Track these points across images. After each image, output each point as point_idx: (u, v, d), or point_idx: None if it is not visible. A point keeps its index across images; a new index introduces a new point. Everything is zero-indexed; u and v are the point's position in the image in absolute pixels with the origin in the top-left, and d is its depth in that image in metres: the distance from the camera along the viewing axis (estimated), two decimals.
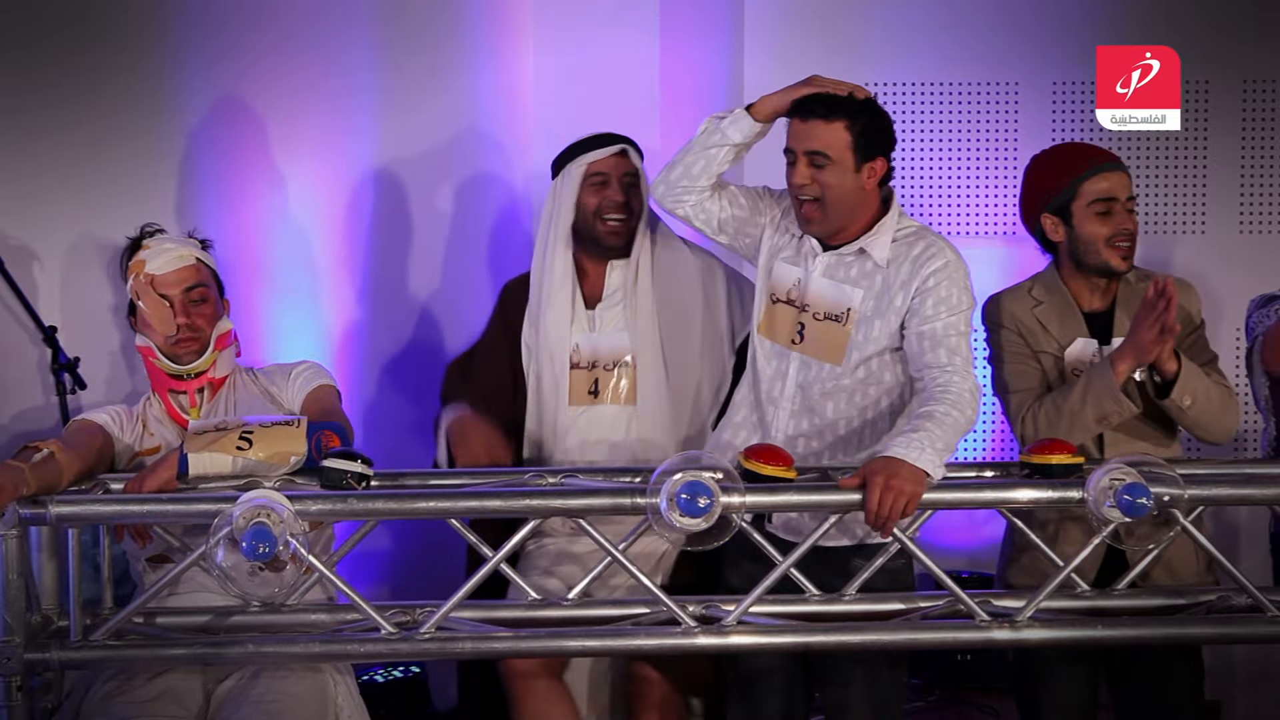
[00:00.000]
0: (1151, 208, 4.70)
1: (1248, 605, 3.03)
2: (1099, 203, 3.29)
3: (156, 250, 3.26)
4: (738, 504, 2.80)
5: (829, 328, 3.19)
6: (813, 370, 3.21)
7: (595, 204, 3.47)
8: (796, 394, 3.23)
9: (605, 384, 3.50)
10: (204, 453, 2.87)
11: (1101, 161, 3.35)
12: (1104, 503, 2.83)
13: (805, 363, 3.23)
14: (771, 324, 3.29)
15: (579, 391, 3.49)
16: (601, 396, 3.49)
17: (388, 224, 4.33)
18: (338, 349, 4.19)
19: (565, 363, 3.49)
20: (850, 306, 3.17)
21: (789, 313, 3.25)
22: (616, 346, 3.51)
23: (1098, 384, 3.17)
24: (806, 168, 3.14)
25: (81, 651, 2.83)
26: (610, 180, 3.48)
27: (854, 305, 3.17)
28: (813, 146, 3.13)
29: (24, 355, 3.61)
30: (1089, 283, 3.34)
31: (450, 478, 3.13)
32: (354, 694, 3.11)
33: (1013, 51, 4.75)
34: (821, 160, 3.12)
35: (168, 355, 3.23)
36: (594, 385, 3.49)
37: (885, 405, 3.21)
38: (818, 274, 3.22)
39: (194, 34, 3.97)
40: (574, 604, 3.06)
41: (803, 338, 3.23)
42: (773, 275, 3.30)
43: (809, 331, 3.22)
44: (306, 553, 2.72)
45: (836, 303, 3.19)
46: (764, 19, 4.76)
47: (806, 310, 3.22)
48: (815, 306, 3.21)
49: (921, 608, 3.05)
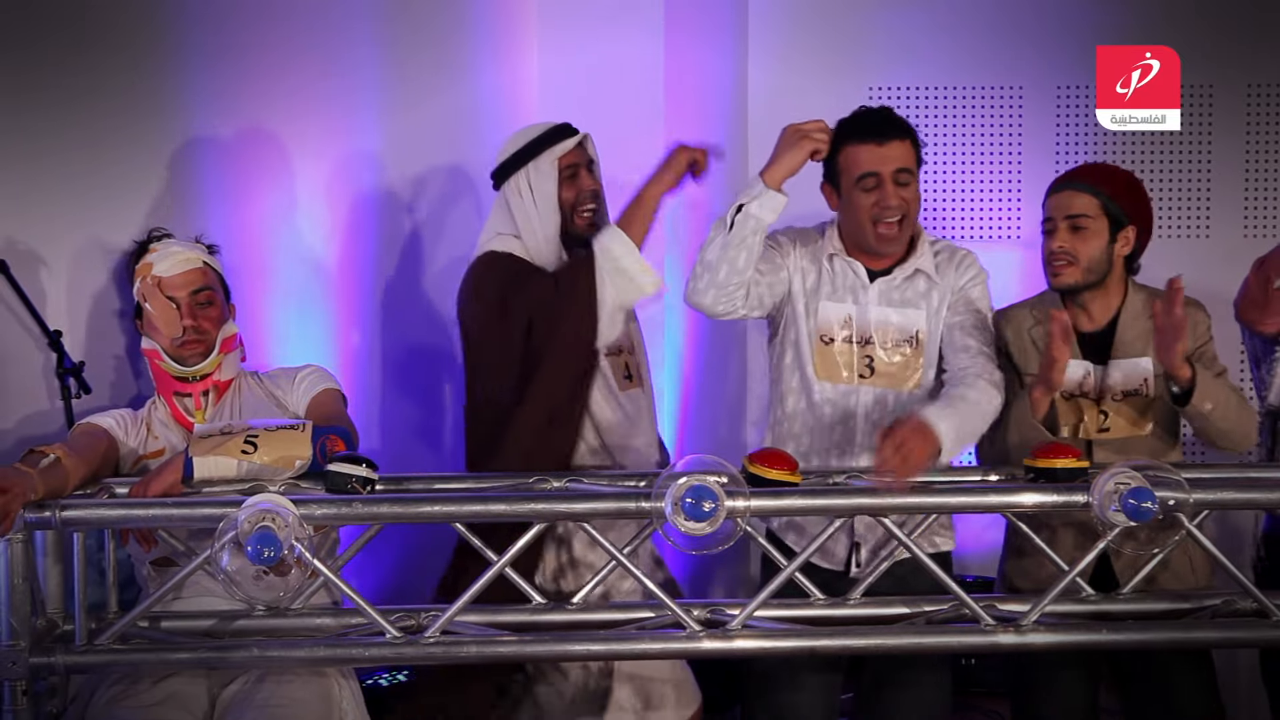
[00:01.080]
0: (1156, 212, 4.69)
1: (1253, 609, 3.02)
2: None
3: (163, 253, 3.28)
4: (742, 508, 2.80)
5: (903, 353, 3.22)
6: (890, 401, 3.24)
7: (572, 197, 3.47)
8: (874, 429, 3.21)
9: (634, 368, 3.53)
10: (209, 456, 2.87)
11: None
12: (1109, 507, 2.83)
13: (880, 396, 3.24)
14: (828, 365, 3.28)
15: (619, 377, 3.50)
16: (635, 380, 3.53)
17: (392, 226, 4.33)
18: (342, 353, 4.19)
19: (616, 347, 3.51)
20: (919, 329, 3.22)
21: (848, 350, 3.26)
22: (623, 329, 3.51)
23: (1018, 412, 3.21)
24: (894, 187, 3.19)
25: (86, 656, 2.83)
26: (579, 171, 3.48)
27: (921, 326, 3.21)
28: (901, 165, 3.20)
29: (29, 359, 3.61)
30: (1085, 303, 3.33)
31: (454, 482, 3.13)
32: (358, 698, 3.12)
33: (1016, 55, 4.76)
34: (906, 178, 3.21)
35: (173, 357, 3.24)
36: (627, 369, 3.51)
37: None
38: (874, 303, 3.23)
39: (196, 33, 3.97)
40: (579, 608, 3.06)
41: (873, 371, 3.24)
42: (819, 316, 3.29)
43: (880, 364, 3.23)
44: (311, 557, 2.72)
45: (904, 328, 3.24)
46: (767, 20, 4.77)
47: (871, 343, 3.24)
48: (882, 336, 3.23)
49: (926, 612, 3.04)
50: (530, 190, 3.47)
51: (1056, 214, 3.31)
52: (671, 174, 3.36)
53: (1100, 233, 3.29)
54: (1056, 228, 3.30)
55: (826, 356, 3.28)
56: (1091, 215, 3.28)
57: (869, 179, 3.21)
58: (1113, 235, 3.30)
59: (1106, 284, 3.32)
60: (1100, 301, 3.33)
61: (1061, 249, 3.28)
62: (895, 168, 3.21)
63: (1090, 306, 3.33)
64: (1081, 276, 3.29)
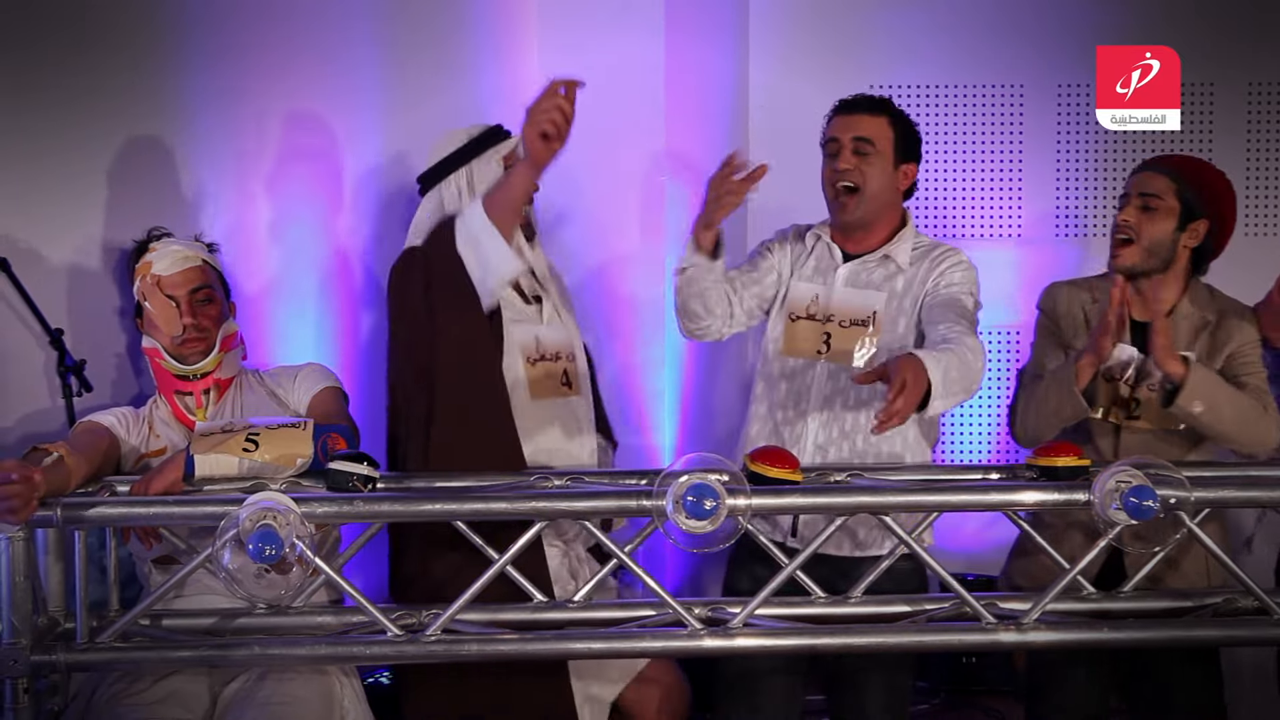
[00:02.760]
0: None
1: (1254, 608, 3.03)
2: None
3: (163, 252, 3.28)
4: (743, 506, 2.80)
5: (855, 332, 3.22)
6: (841, 378, 3.24)
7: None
8: (825, 404, 3.24)
9: (573, 376, 3.45)
10: (210, 454, 2.88)
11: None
12: (1110, 505, 2.83)
13: (833, 371, 3.25)
14: (793, 341, 3.32)
15: (554, 385, 3.40)
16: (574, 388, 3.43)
17: (392, 224, 4.32)
18: (342, 351, 4.19)
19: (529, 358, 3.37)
20: (875, 309, 3.21)
21: (811, 327, 3.28)
22: (563, 339, 3.45)
23: (1061, 379, 3.20)
24: (851, 155, 3.23)
25: (88, 654, 2.82)
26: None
27: (878, 308, 3.21)
28: (860, 133, 3.23)
29: (31, 358, 3.61)
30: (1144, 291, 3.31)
31: (456, 480, 3.13)
32: (360, 696, 3.12)
33: (1017, 54, 4.76)
34: (867, 148, 3.23)
35: (174, 356, 3.24)
36: (564, 376, 3.42)
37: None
38: (840, 284, 3.25)
39: (196, 34, 3.97)
40: (579, 606, 3.06)
41: (829, 347, 3.25)
42: (790, 294, 3.32)
43: (835, 340, 3.24)
44: (313, 555, 2.73)
45: (861, 308, 3.24)
46: (768, 20, 4.76)
47: (831, 320, 3.25)
48: (840, 315, 3.24)
49: (927, 610, 3.05)
50: (471, 189, 3.40)
51: (1133, 190, 3.33)
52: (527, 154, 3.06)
53: (1168, 216, 3.28)
54: (1129, 203, 3.31)
55: (792, 332, 3.32)
56: (1163, 197, 3.28)
57: (831, 144, 3.28)
58: (1182, 224, 3.28)
59: (1167, 274, 3.30)
60: (1158, 292, 3.29)
61: (1125, 222, 3.29)
62: (854, 134, 3.25)
63: (1147, 295, 3.30)
64: (1140, 258, 3.28)
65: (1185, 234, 3.30)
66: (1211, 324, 3.31)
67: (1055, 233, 4.80)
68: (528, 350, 3.36)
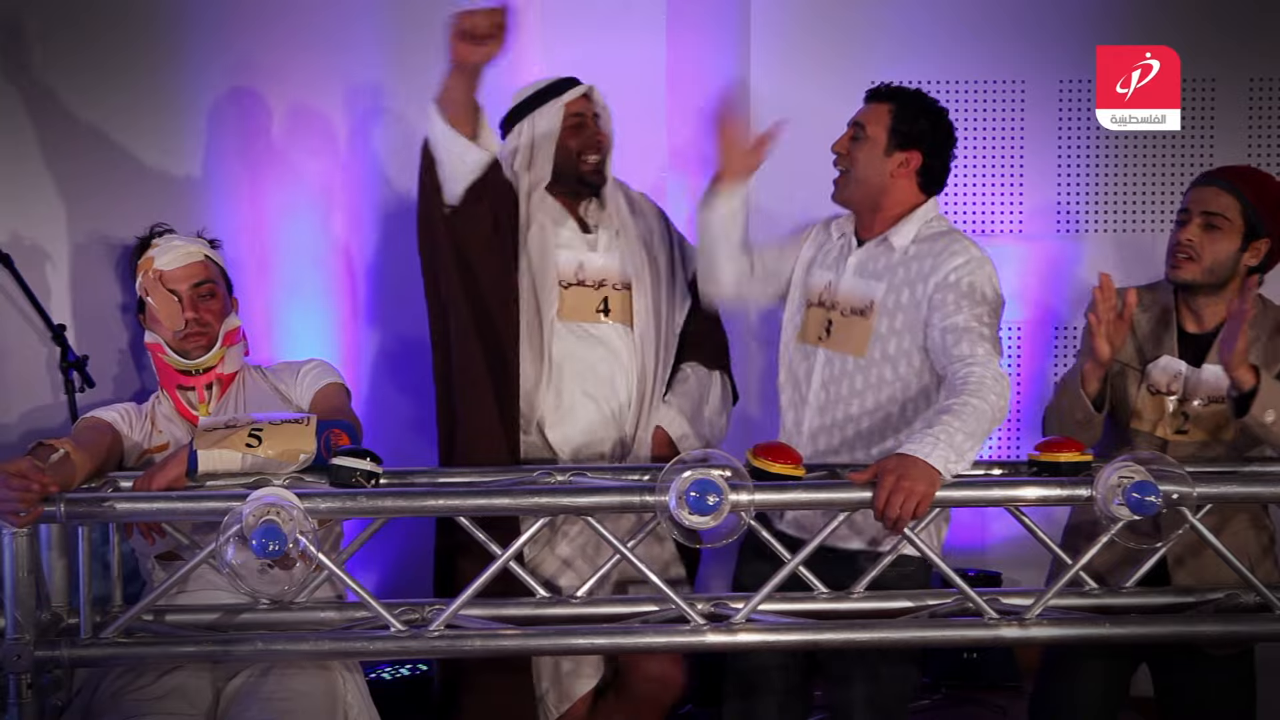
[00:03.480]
0: (1158, 205, 4.71)
1: (1256, 603, 3.03)
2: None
3: (165, 248, 3.28)
4: (746, 502, 2.80)
5: (854, 321, 3.22)
6: (837, 365, 3.24)
7: (577, 145, 3.50)
8: (821, 390, 3.26)
9: (614, 303, 3.51)
10: (213, 450, 2.87)
11: None
12: (1112, 500, 2.83)
13: (830, 358, 3.25)
14: (805, 326, 3.34)
15: (588, 309, 3.49)
16: (614, 314, 3.50)
17: (395, 221, 4.33)
18: (345, 347, 4.20)
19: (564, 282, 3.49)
20: (874, 299, 3.20)
21: (819, 314, 3.30)
22: (620, 267, 3.53)
23: (1071, 380, 3.19)
24: (848, 139, 3.27)
25: (91, 649, 2.83)
26: (585, 120, 3.51)
27: (876, 298, 3.20)
28: (858, 119, 3.27)
29: (33, 353, 3.62)
30: (1196, 305, 3.27)
31: (459, 476, 3.13)
32: (363, 692, 3.11)
33: (1018, 50, 4.75)
34: (859, 133, 3.25)
35: (176, 351, 3.24)
36: (603, 304, 3.50)
37: (910, 409, 3.19)
38: (849, 274, 3.25)
39: (199, 31, 3.98)
40: (582, 601, 3.06)
41: (829, 334, 3.26)
42: (808, 281, 3.35)
43: (835, 327, 3.25)
44: (316, 550, 2.73)
45: (862, 297, 3.23)
46: (770, 19, 4.76)
47: (835, 308, 3.26)
48: (843, 303, 3.25)
49: (930, 605, 3.05)
50: (532, 136, 3.51)
51: (1194, 206, 3.24)
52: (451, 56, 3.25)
53: (1233, 237, 3.21)
54: (1190, 220, 3.23)
55: (806, 319, 3.34)
56: (1229, 217, 3.20)
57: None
58: (1245, 244, 3.21)
59: (1223, 291, 3.24)
60: (1212, 307, 3.26)
61: (1189, 241, 3.21)
62: (855, 119, 3.28)
63: (1202, 310, 3.26)
64: (1201, 275, 3.21)
65: (1248, 253, 3.23)
66: (1262, 339, 3.24)
67: (1056, 229, 4.80)
68: (565, 274, 3.47)
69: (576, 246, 3.51)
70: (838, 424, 3.23)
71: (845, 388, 3.23)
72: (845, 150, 3.26)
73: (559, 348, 3.46)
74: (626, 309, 3.52)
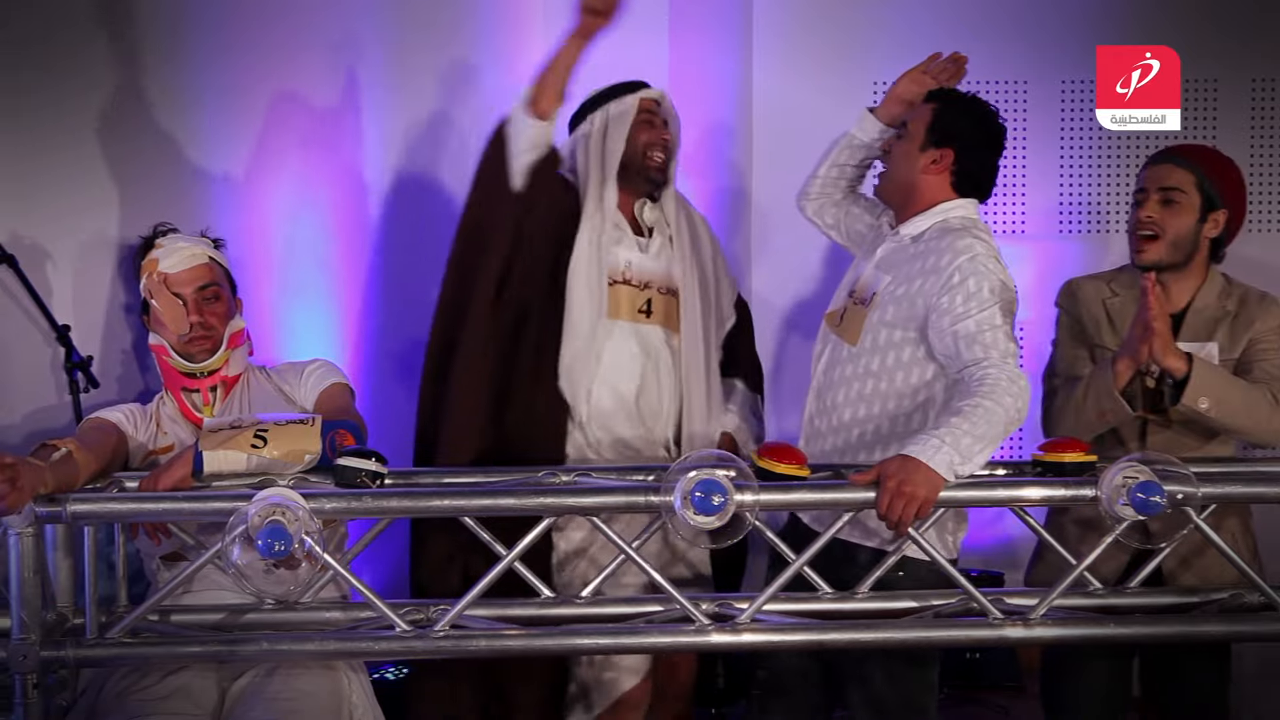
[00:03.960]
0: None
1: (1260, 603, 3.03)
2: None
3: (169, 249, 3.28)
4: (751, 502, 2.80)
5: (858, 311, 3.24)
6: (839, 351, 3.26)
7: (646, 139, 3.53)
8: (822, 375, 3.30)
9: (657, 306, 3.53)
10: (219, 450, 2.88)
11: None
12: (1117, 501, 2.84)
13: (836, 344, 3.27)
14: (835, 312, 3.36)
15: (630, 308, 3.51)
16: (655, 316, 3.52)
17: (397, 221, 4.34)
18: (349, 347, 4.20)
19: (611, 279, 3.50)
20: (876, 290, 3.20)
21: (844, 299, 3.33)
22: (666, 272, 3.55)
23: (1099, 381, 3.19)
24: (893, 137, 3.32)
25: (96, 649, 2.83)
26: (657, 119, 3.55)
27: (878, 289, 3.19)
28: (905, 117, 3.32)
29: (37, 354, 3.62)
30: (1164, 285, 3.28)
31: (463, 476, 3.13)
32: (368, 692, 3.12)
33: (1020, 50, 4.76)
34: (902, 131, 3.28)
35: (181, 353, 3.24)
36: (646, 304, 3.52)
37: (898, 408, 3.16)
38: (871, 264, 3.28)
39: (200, 30, 3.98)
40: (587, 601, 3.06)
41: (842, 320, 3.28)
42: (855, 268, 3.39)
43: (847, 314, 3.27)
44: (322, 550, 2.73)
45: (869, 287, 3.23)
46: (772, 19, 4.77)
47: (853, 296, 3.27)
48: (859, 292, 3.26)
49: (934, 605, 3.05)
50: (605, 122, 3.54)
51: (1150, 184, 3.31)
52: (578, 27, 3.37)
53: (1191, 210, 3.27)
54: (1148, 198, 3.29)
55: (840, 304, 3.37)
56: (1185, 190, 3.27)
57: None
58: (1203, 215, 3.28)
59: (1189, 267, 3.29)
60: (1180, 284, 3.30)
61: (1149, 218, 3.27)
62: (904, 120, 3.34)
63: (1170, 288, 3.30)
64: (1165, 253, 3.27)
65: (1207, 225, 3.29)
66: (1231, 313, 3.29)
67: (1059, 229, 4.80)
68: (614, 271, 3.49)
69: (627, 245, 3.53)
70: (825, 410, 3.25)
71: (836, 374, 3.23)
72: (888, 147, 3.31)
73: (600, 344, 3.47)
74: (672, 314, 3.53)
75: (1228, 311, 3.28)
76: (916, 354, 3.13)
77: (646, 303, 3.52)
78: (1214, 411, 3.14)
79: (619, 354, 3.48)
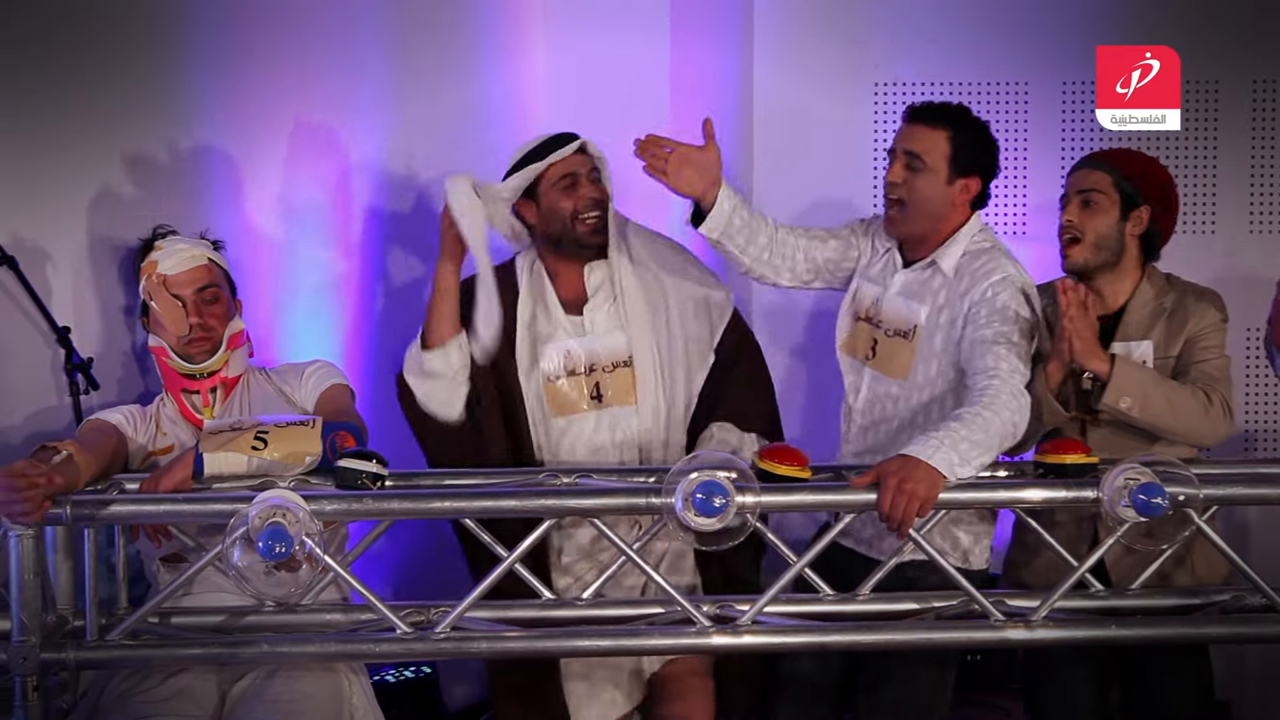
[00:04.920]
0: None
1: (1261, 605, 3.03)
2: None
3: (169, 251, 3.28)
4: (752, 504, 2.80)
5: (897, 344, 3.23)
6: (882, 386, 3.24)
7: (571, 206, 3.39)
8: (867, 410, 3.27)
9: (607, 386, 3.43)
10: (219, 452, 2.88)
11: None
12: (1119, 502, 2.84)
13: (876, 378, 3.26)
14: (853, 341, 3.34)
15: (578, 400, 3.41)
16: (606, 400, 3.42)
17: (397, 222, 4.33)
18: (349, 348, 4.19)
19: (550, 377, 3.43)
20: (917, 323, 3.21)
21: (866, 330, 3.30)
22: (613, 347, 3.44)
23: (1035, 384, 3.19)
24: (902, 169, 3.22)
25: (97, 651, 2.84)
26: (580, 179, 3.40)
27: (920, 321, 3.20)
28: (912, 148, 3.21)
29: (37, 356, 3.61)
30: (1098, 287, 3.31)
31: (465, 478, 3.13)
32: (368, 694, 3.12)
33: (1021, 51, 4.74)
34: (917, 164, 3.20)
35: (180, 355, 3.24)
36: (596, 389, 3.44)
37: None
38: (893, 292, 3.25)
39: (200, 31, 3.97)
40: (588, 603, 3.06)
41: (874, 354, 3.26)
42: (857, 294, 3.35)
43: (880, 348, 3.25)
44: (322, 552, 2.73)
45: (905, 319, 3.23)
46: (773, 18, 4.76)
47: (880, 327, 3.26)
48: (888, 324, 3.25)
49: (936, 607, 3.05)
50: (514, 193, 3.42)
51: (1070, 189, 3.36)
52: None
53: (1109, 209, 3.30)
54: (1069, 203, 3.34)
55: (854, 332, 3.35)
56: (1102, 191, 3.30)
57: (890, 154, 3.28)
58: (1124, 214, 3.31)
59: (1120, 267, 3.32)
60: (1113, 285, 3.33)
61: (1070, 222, 3.31)
62: (905, 147, 3.23)
63: (1104, 289, 3.33)
64: (1090, 255, 3.30)
65: (1129, 223, 3.32)
66: (1168, 310, 3.31)
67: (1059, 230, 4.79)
68: (551, 369, 3.42)
69: (560, 337, 3.43)
70: (880, 446, 3.23)
71: (889, 408, 3.24)
72: (901, 180, 3.22)
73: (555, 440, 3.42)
74: (628, 387, 3.41)
75: (1164, 309, 3.31)
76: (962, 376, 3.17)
77: (595, 387, 3.42)
78: (1137, 411, 3.15)
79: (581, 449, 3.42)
